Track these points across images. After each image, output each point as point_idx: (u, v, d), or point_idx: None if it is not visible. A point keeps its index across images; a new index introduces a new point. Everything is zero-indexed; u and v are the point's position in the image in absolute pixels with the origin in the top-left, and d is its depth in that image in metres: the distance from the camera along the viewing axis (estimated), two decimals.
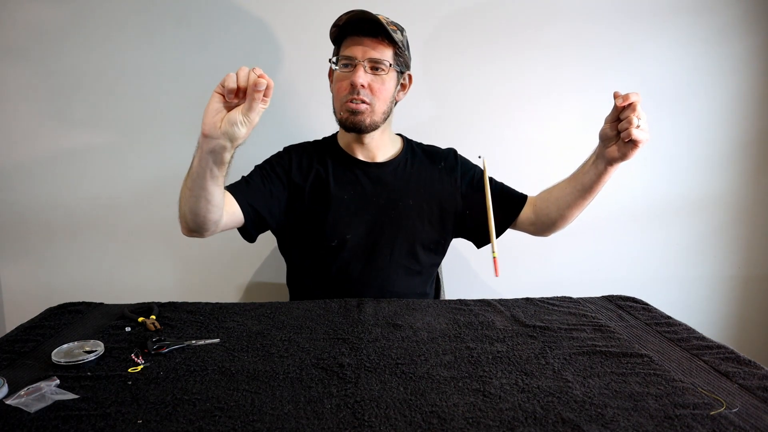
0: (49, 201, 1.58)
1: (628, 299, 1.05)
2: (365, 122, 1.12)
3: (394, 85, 1.15)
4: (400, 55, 1.14)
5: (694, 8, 1.58)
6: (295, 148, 1.24)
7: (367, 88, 1.10)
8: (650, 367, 0.73)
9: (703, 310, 1.76)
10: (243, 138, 0.84)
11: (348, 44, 1.11)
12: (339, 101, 1.13)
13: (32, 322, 0.91)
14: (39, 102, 1.53)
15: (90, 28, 1.50)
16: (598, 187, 1.05)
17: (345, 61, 1.11)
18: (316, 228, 1.16)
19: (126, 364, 0.73)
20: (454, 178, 1.23)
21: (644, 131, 0.91)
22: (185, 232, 1.02)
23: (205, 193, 0.91)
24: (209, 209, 0.95)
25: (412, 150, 1.25)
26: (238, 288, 1.67)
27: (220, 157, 0.86)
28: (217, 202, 0.95)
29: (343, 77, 1.11)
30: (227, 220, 1.05)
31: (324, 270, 1.18)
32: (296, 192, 1.17)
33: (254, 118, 0.82)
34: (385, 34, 1.09)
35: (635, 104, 0.90)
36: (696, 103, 1.63)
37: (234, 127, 0.81)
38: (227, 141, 0.83)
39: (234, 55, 1.53)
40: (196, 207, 0.94)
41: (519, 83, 1.60)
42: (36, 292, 1.62)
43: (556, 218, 1.15)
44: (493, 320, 0.91)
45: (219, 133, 0.82)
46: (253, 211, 1.11)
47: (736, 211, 1.70)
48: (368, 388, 0.67)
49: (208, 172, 0.88)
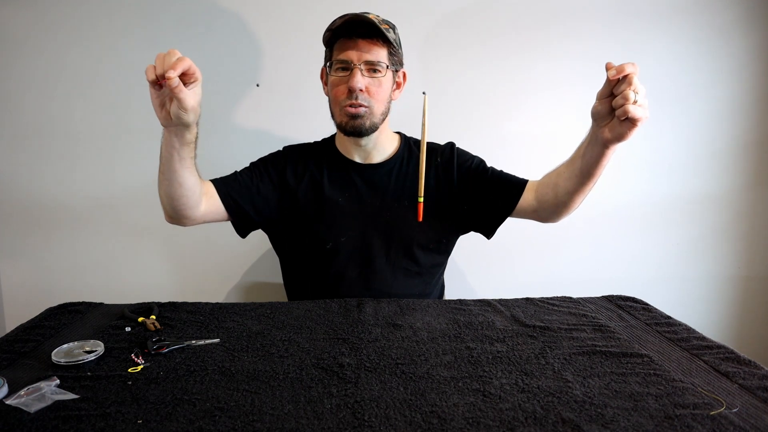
0: (49, 201, 1.58)
1: (628, 299, 1.05)
2: (365, 125, 1.11)
3: (390, 85, 1.15)
4: (395, 54, 1.13)
5: (694, 8, 1.58)
6: (293, 149, 1.24)
7: (365, 91, 1.09)
8: (650, 367, 0.73)
9: (703, 310, 1.76)
10: (194, 120, 0.88)
11: (342, 47, 1.09)
12: (337, 106, 1.12)
13: (32, 322, 0.91)
14: (40, 102, 1.53)
15: (91, 28, 1.50)
16: (597, 172, 0.96)
17: (340, 65, 1.10)
18: (311, 231, 1.16)
19: (126, 364, 0.73)
20: (450, 172, 1.20)
21: (643, 107, 0.80)
22: (167, 218, 1.06)
23: (175, 176, 0.95)
24: (182, 193, 0.98)
25: (409, 148, 1.24)
26: (238, 288, 1.67)
27: (182, 139, 0.90)
28: (190, 186, 0.98)
29: (340, 81, 1.10)
30: (207, 210, 1.08)
31: (320, 273, 1.18)
32: (289, 193, 1.18)
33: (189, 104, 0.84)
34: (379, 36, 1.08)
35: (631, 76, 0.79)
36: (696, 103, 1.63)
37: (180, 117, 0.85)
38: (182, 126, 0.88)
39: (234, 55, 1.53)
40: (170, 190, 0.98)
41: (518, 82, 1.60)
42: (36, 292, 1.62)
43: (558, 205, 1.07)
44: (493, 320, 0.91)
45: (172, 123, 0.87)
46: (234, 204, 1.12)
47: (736, 211, 1.70)
48: (368, 388, 0.67)
49: (175, 154, 0.92)
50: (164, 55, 0.80)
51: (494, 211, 1.18)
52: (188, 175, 0.96)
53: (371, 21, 1.06)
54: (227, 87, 1.55)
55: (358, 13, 1.06)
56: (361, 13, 1.07)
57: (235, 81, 1.55)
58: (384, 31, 1.07)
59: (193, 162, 0.97)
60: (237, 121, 1.57)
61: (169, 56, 0.80)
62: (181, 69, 0.79)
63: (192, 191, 0.99)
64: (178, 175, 0.95)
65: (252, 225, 1.19)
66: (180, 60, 0.79)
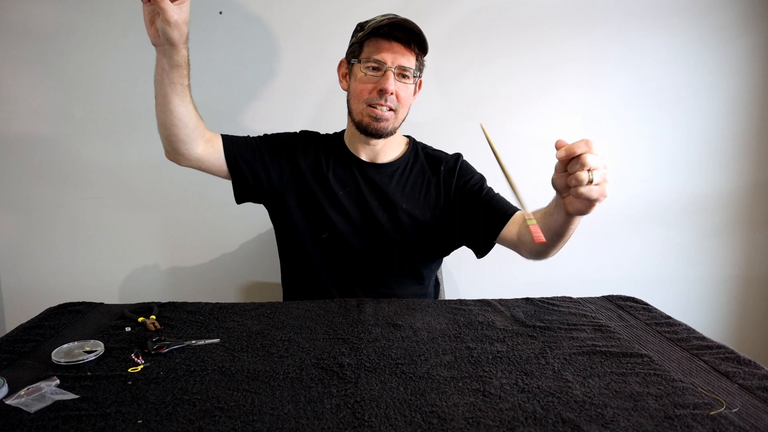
0: (49, 201, 1.58)
1: (628, 299, 1.05)
2: (387, 129, 1.12)
3: (414, 91, 1.16)
4: (421, 62, 1.14)
5: (694, 8, 1.58)
6: (308, 135, 1.24)
7: (394, 95, 1.09)
8: (650, 367, 0.73)
9: (703, 310, 1.76)
10: (181, 37, 0.89)
11: (377, 47, 1.08)
12: (360, 104, 1.11)
13: (32, 322, 0.91)
14: (41, 102, 1.53)
15: (92, 29, 1.50)
16: (566, 235, 0.91)
17: (374, 64, 1.09)
18: (308, 216, 1.16)
19: (126, 364, 0.73)
20: (449, 184, 1.19)
21: (600, 185, 0.74)
22: (165, 153, 1.07)
23: (166, 101, 0.96)
24: (173, 122, 0.99)
25: (416, 154, 1.23)
26: (237, 288, 1.67)
27: (171, 60, 0.91)
28: (181, 116, 0.99)
29: (369, 80, 1.09)
30: (206, 155, 1.09)
31: (315, 262, 1.17)
32: (294, 174, 1.17)
33: (174, 18, 0.85)
34: (417, 43, 1.08)
35: (584, 157, 0.72)
36: (696, 103, 1.63)
37: (165, 33, 0.86)
38: (169, 45, 0.89)
39: (236, 54, 1.53)
40: (164, 119, 0.99)
41: (519, 82, 1.60)
42: (36, 292, 1.62)
43: (533, 251, 1.03)
44: (493, 320, 0.91)
45: (160, 40, 0.88)
46: (236, 165, 1.12)
47: (736, 211, 1.70)
48: (368, 388, 0.67)
49: (165, 77, 0.93)
50: None
51: (479, 235, 1.16)
52: (179, 102, 0.97)
53: (414, 27, 1.06)
54: (229, 85, 1.55)
55: (404, 18, 1.06)
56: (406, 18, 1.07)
57: (236, 79, 1.55)
58: (424, 40, 1.08)
59: (185, 91, 0.97)
60: (239, 119, 1.57)
61: None
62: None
63: (184, 123, 0.99)
64: (169, 101, 0.96)
65: (249, 192, 1.18)
66: None
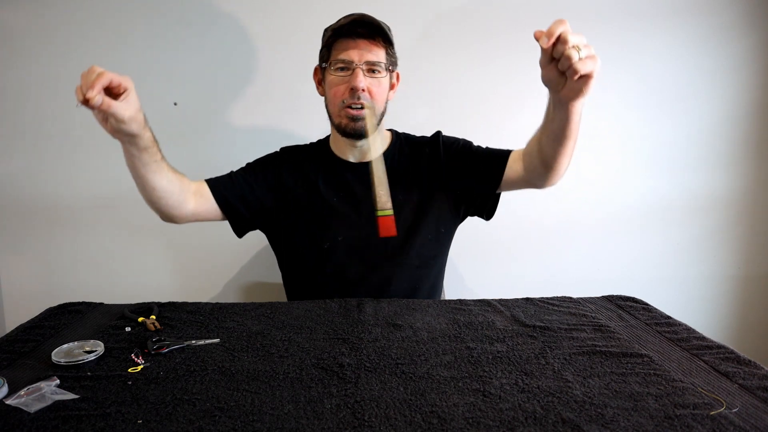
0: (49, 201, 1.58)
1: (628, 299, 1.05)
2: (366, 127, 1.11)
3: (388, 85, 1.15)
4: (392, 55, 1.13)
5: (694, 8, 1.58)
6: (289, 150, 1.24)
7: (366, 91, 1.08)
8: (650, 367, 0.73)
9: (703, 310, 1.76)
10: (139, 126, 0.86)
11: (342, 47, 1.08)
12: (336, 107, 1.11)
13: (32, 322, 0.91)
14: (41, 102, 1.53)
15: (92, 29, 1.50)
16: (573, 130, 0.91)
17: (341, 64, 1.09)
18: (308, 232, 1.17)
19: (126, 364, 0.73)
20: (437, 159, 1.19)
21: (591, 59, 0.75)
22: (161, 218, 1.07)
23: (145, 181, 0.96)
24: (159, 195, 0.99)
25: (400, 144, 1.23)
26: (237, 288, 1.67)
27: (136, 146, 0.90)
28: (164, 188, 0.98)
29: (340, 81, 1.09)
30: (200, 209, 1.09)
31: (319, 272, 1.18)
32: (284, 194, 1.18)
33: (125, 116, 0.81)
34: (381, 36, 1.08)
35: (564, 35, 0.74)
36: (696, 103, 1.63)
37: (121, 130, 0.84)
38: (130, 136, 0.87)
39: (232, 55, 1.53)
40: (148, 196, 1.00)
41: (516, 83, 1.59)
42: (36, 292, 1.62)
43: (547, 169, 1.02)
44: (493, 320, 0.91)
45: (120, 135, 0.87)
46: (229, 204, 1.13)
47: (736, 211, 1.70)
48: (368, 388, 0.67)
49: (137, 162, 0.92)
50: (86, 74, 0.76)
51: (484, 187, 1.17)
52: (158, 178, 0.96)
53: (374, 21, 1.06)
54: (225, 87, 1.55)
55: (363, 14, 1.06)
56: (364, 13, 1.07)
57: (233, 81, 1.55)
58: (387, 31, 1.07)
59: (160, 165, 0.96)
60: (235, 121, 1.57)
61: (89, 75, 0.76)
62: (100, 86, 0.75)
63: (168, 192, 1.00)
64: (147, 180, 0.96)
65: (248, 225, 1.19)
66: (99, 77, 0.75)
